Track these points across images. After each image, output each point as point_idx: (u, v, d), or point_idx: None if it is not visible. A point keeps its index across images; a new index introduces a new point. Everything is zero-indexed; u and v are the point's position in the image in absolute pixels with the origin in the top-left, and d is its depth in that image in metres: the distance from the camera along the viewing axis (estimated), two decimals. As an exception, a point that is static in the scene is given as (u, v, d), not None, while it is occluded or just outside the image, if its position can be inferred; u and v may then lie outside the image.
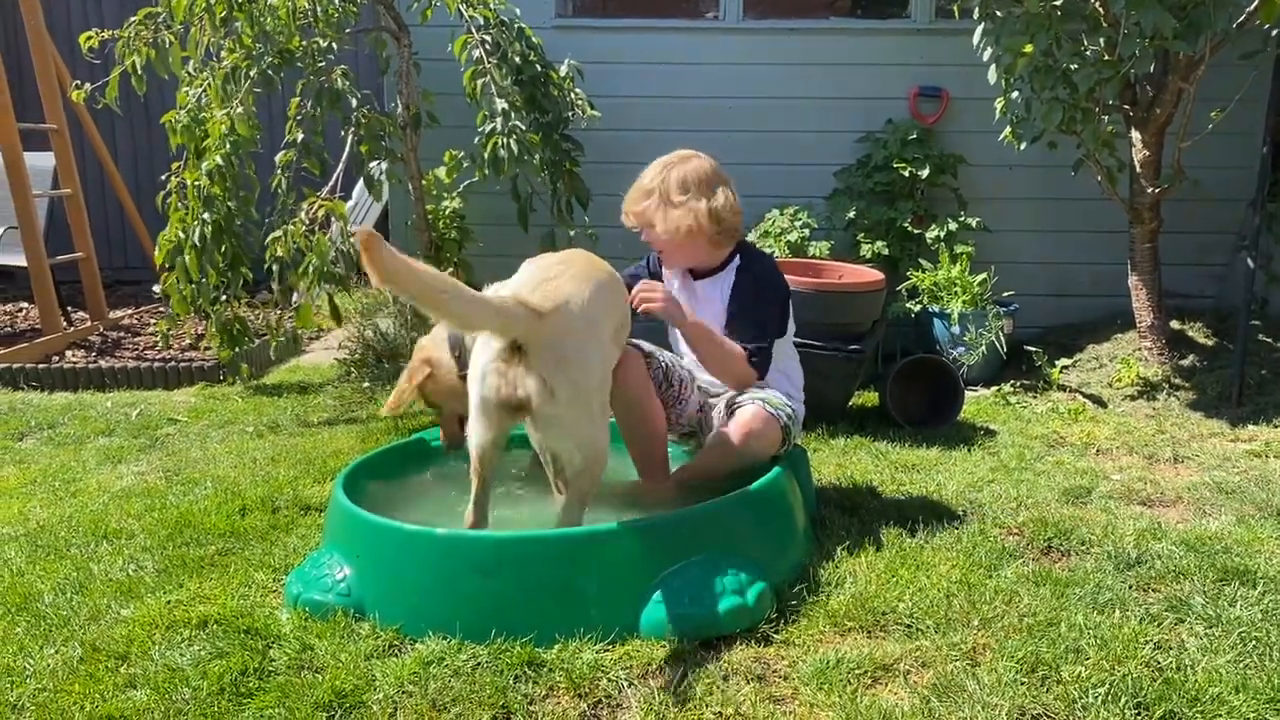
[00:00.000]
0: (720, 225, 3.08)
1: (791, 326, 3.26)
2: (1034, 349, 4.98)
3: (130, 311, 6.80)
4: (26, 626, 2.51)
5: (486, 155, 4.67)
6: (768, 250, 5.08)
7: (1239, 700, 2.07)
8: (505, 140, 4.60)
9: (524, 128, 4.68)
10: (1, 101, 5.83)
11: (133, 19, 4.83)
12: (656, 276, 3.30)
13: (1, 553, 3.00)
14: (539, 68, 5.17)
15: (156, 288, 5.01)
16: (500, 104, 4.65)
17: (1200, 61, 4.35)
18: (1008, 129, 4.81)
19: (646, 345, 3.09)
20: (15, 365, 5.24)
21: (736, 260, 3.17)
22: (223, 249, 4.75)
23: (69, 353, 5.78)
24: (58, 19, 7.62)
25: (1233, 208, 5.48)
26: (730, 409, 3.05)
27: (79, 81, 5.18)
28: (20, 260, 6.04)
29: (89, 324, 6.33)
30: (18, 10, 6.33)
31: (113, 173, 6.98)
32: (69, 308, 6.42)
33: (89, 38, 4.83)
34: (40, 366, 5.28)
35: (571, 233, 5.10)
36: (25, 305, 6.89)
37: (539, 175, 5.05)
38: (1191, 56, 4.34)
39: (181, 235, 4.74)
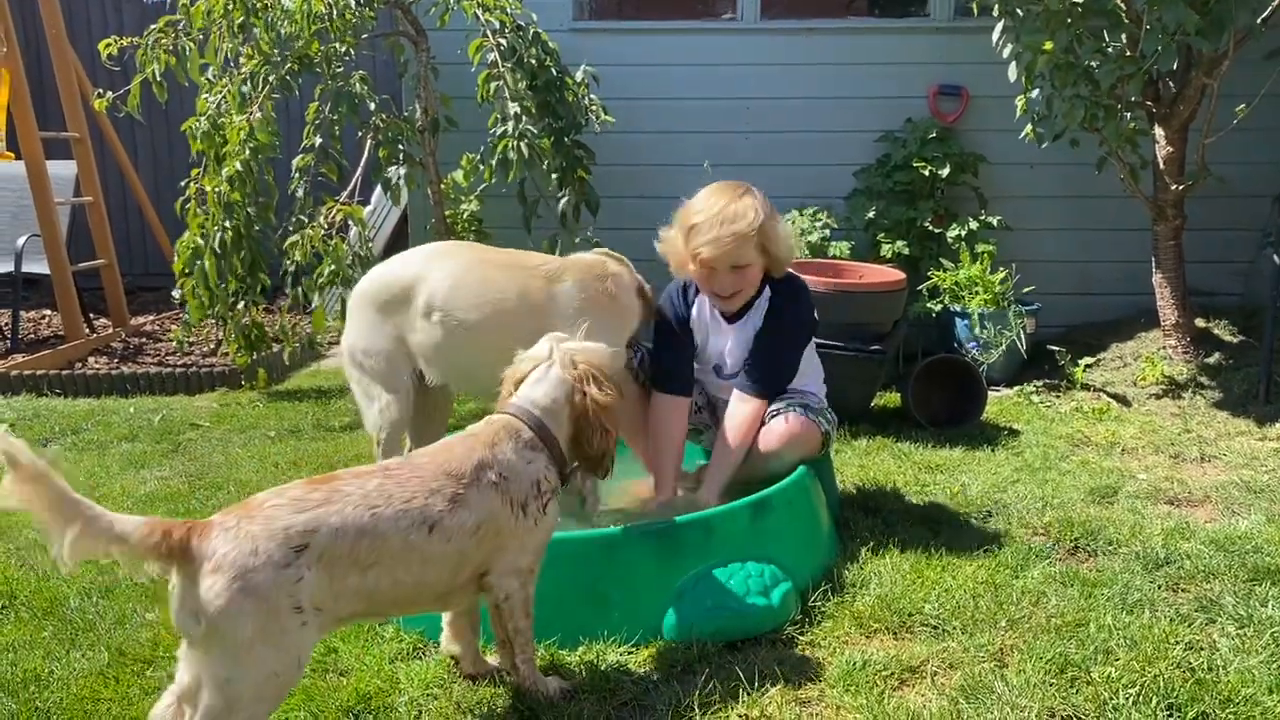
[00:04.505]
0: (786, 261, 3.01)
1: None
2: (1057, 348, 4.94)
3: (152, 317, 6.84)
4: (54, 631, 2.52)
5: (496, 157, 4.68)
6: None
7: (1273, 701, 2.04)
8: (515, 143, 4.60)
9: (535, 132, 4.68)
10: (24, 111, 5.88)
11: (153, 26, 4.87)
12: (685, 311, 3.11)
13: (28, 557, 3.02)
14: (554, 72, 5.17)
15: (176, 293, 5.03)
16: (513, 107, 4.65)
17: (1224, 57, 4.30)
18: (1029, 127, 4.77)
19: None
20: (39, 372, 5.28)
21: (767, 293, 3.03)
22: (241, 255, 4.77)
23: (91, 359, 5.82)
24: (79, 27, 7.69)
25: (1258, 204, 5.42)
26: (771, 415, 3.00)
27: (100, 90, 5.22)
28: (43, 268, 6.09)
29: (111, 330, 6.37)
30: (39, 19, 6.38)
31: (133, 180, 7.02)
32: (91, 314, 6.46)
33: (109, 45, 4.86)
34: (63, 373, 5.31)
35: (577, 238, 5.08)
36: (48, 312, 6.94)
37: (547, 181, 5.04)
38: (1215, 52, 4.30)
39: (200, 241, 4.76)
